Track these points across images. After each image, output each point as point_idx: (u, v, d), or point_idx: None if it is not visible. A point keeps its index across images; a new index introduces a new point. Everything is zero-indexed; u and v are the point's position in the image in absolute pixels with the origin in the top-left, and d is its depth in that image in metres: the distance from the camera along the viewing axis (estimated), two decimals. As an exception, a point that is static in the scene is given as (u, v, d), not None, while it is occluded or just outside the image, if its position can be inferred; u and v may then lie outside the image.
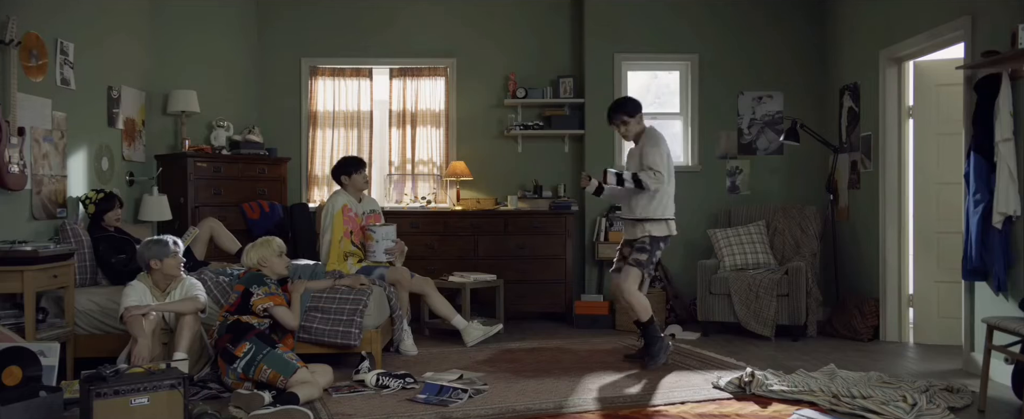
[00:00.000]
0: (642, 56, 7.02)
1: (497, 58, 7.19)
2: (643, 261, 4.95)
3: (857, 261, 6.24)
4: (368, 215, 5.50)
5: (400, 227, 6.66)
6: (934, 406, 3.75)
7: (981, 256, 4.50)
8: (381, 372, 4.28)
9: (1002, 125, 4.35)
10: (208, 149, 6.38)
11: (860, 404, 3.77)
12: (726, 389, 4.20)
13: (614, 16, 6.96)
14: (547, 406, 3.89)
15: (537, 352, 5.35)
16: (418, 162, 7.23)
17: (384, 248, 5.35)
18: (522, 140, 7.18)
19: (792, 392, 4.03)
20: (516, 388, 4.27)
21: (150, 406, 3.26)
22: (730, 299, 5.93)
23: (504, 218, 6.76)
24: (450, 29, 7.19)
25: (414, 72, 7.21)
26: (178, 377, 3.38)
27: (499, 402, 3.95)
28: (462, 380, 4.38)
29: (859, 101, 6.23)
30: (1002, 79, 4.39)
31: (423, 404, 3.92)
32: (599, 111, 6.95)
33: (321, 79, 7.21)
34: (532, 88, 7.05)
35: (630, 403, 3.96)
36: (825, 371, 4.53)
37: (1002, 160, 4.35)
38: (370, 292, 4.70)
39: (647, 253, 4.96)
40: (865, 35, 6.18)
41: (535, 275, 6.70)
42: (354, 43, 7.16)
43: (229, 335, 4.07)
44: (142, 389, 3.26)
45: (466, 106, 7.20)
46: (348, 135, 7.20)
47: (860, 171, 6.19)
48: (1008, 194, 4.32)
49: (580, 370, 4.73)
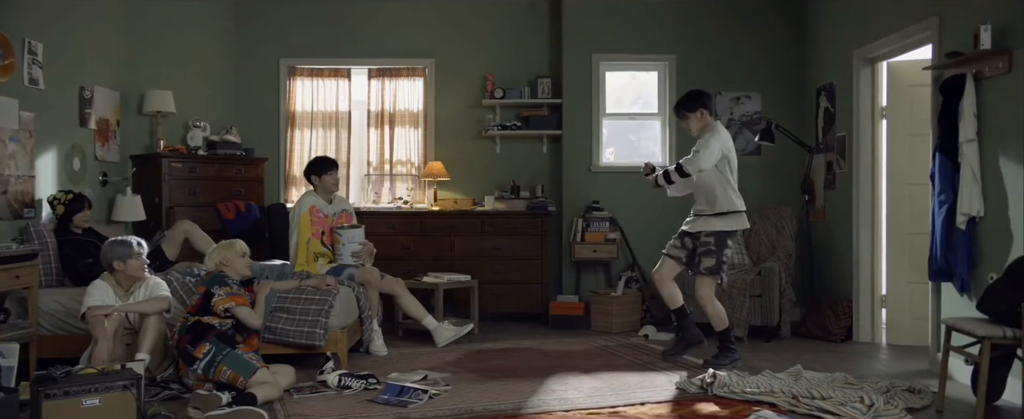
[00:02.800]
0: (620, 57, 7.02)
1: (475, 58, 7.18)
2: (713, 268, 4.81)
3: (832, 262, 6.24)
4: (339, 215, 5.50)
5: (377, 227, 6.69)
6: (892, 407, 3.75)
7: (946, 257, 4.50)
8: (344, 373, 4.28)
9: (966, 126, 4.35)
10: (184, 149, 6.37)
11: (818, 405, 3.77)
12: (688, 390, 4.19)
13: (591, 17, 6.96)
14: (506, 407, 3.89)
15: (507, 353, 5.35)
16: (396, 162, 7.22)
17: (351, 251, 5.35)
18: (500, 140, 7.18)
19: (753, 393, 4.03)
20: (479, 389, 4.27)
21: (102, 407, 3.26)
22: (703, 300, 5.91)
23: (481, 218, 6.76)
24: (428, 29, 7.19)
25: (392, 72, 7.21)
26: (132, 378, 3.38)
27: (458, 403, 3.95)
28: (426, 381, 4.38)
29: (835, 101, 6.23)
30: (966, 80, 4.39)
31: (382, 405, 3.92)
32: (577, 111, 6.98)
33: (299, 79, 7.21)
34: (510, 88, 7.05)
35: (589, 403, 3.96)
36: (791, 372, 4.52)
37: (966, 161, 4.35)
38: (336, 293, 4.70)
39: (714, 255, 4.81)
40: (840, 35, 6.18)
41: (511, 275, 6.70)
42: (333, 43, 7.16)
43: (189, 336, 4.07)
44: (93, 390, 3.26)
45: (444, 106, 7.20)
46: (326, 135, 7.20)
47: (835, 172, 6.19)
48: (971, 195, 4.32)
49: (547, 371, 4.72)
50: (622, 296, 6.32)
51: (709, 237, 4.84)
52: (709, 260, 4.83)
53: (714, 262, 4.83)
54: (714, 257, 4.83)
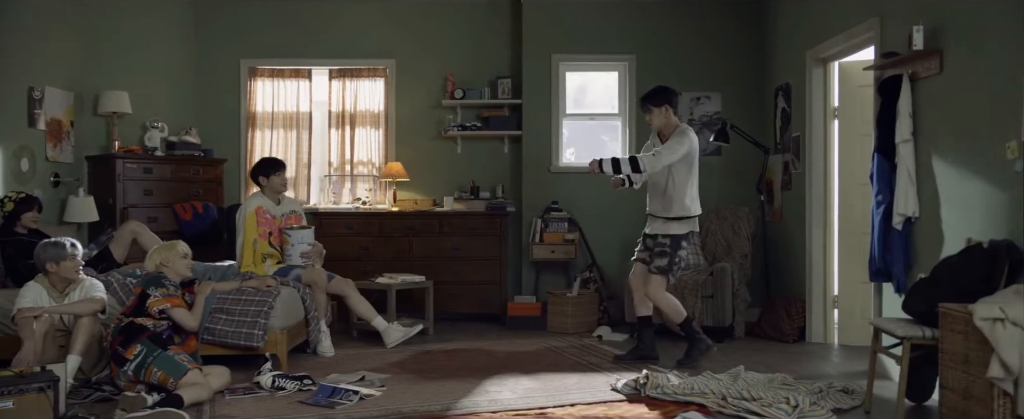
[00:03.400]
0: (579, 57, 7.02)
1: (436, 59, 7.18)
2: (664, 267, 4.90)
3: (787, 262, 6.24)
4: (288, 216, 5.49)
5: (335, 228, 6.70)
6: (819, 407, 3.75)
7: (884, 257, 4.51)
8: (278, 374, 4.28)
9: (901, 126, 4.36)
10: (139, 150, 6.37)
11: (745, 406, 3.77)
12: (622, 391, 4.19)
13: (551, 18, 6.95)
14: (434, 408, 3.88)
15: (455, 354, 5.35)
16: (357, 163, 7.22)
17: (300, 251, 5.34)
18: (462, 141, 7.18)
19: (684, 394, 4.02)
20: (415, 390, 4.26)
21: (15, 410, 3.25)
22: (656, 300, 5.91)
23: (439, 219, 6.76)
24: (389, 30, 7.19)
25: (353, 73, 7.20)
26: (49, 380, 3.37)
27: (388, 404, 3.95)
28: (363, 382, 4.38)
29: (791, 102, 6.23)
30: (903, 80, 4.39)
31: (312, 406, 3.91)
32: (536, 112, 6.98)
33: (260, 80, 7.21)
34: (470, 89, 7.05)
35: (520, 405, 3.95)
36: (731, 373, 4.51)
37: (902, 161, 4.36)
38: (276, 294, 4.70)
39: (667, 257, 4.89)
40: (794, 36, 6.18)
41: (470, 276, 6.70)
42: (293, 44, 7.16)
43: (121, 337, 4.06)
44: (7, 392, 3.24)
45: (405, 107, 7.20)
46: (287, 136, 7.20)
47: (791, 172, 6.19)
48: (907, 195, 4.33)
49: (489, 372, 4.72)
50: (578, 297, 6.32)
51: (665, 239, 4.93)
52: (661, 260, 4.93)
53: (666, 262, 4.92)
54: (667, 257, 4.92)
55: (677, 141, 4.81)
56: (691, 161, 4.89)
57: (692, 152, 4.86)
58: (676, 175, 4.87)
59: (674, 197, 4.88)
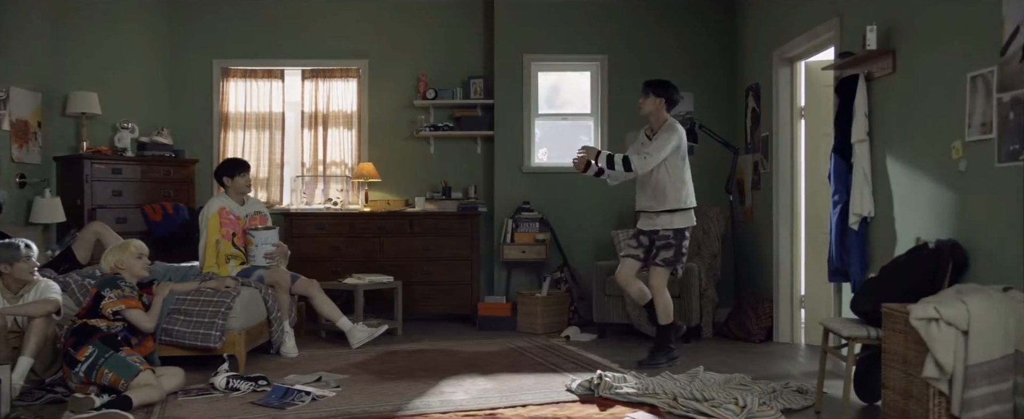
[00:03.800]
0: (551, 57, 7.02)
1: (409, 59, 7.18)
2: (671, 259, 4.93)
3: (756, 262, 6.24)
4: (252, 217, 5.49)
5: (306, 229, 6.70)
6: (767, 408, 3.74)
7: (841, 257, 4.50)
8: (232, 375, 4.27)
9: (857, 126, 4.36)
10: (109, 151, 6.36)
11: (694, 406, 3.77)
12: (576, 392, 4.18)
13: (523, 18, 6.95)
14: (385, 408, 3.88)
15: (419, 354, 5.34)
16: (330, 163, 7.22)
17: (263, 252, 5.33)
18: (435, 141, 7.17)
19: (636, 394, 4.02)
20: (370, 390, 4.26)
21: (-44, 410, 3.24)
22: (624, 300, 5.91)
23: (410, 219, 6.76)
24: (362, 30, 7.18)
25: (326, 73, 7.20)
26: (-8, 381, 3.37)
27: (339, 405, 3.94)
28: (319, 382, 4.38)
29: (760, 102, 6.23)
30: (858, 80, 4.39)
31: (263, 407, 3.91)
32: (508, 112, 6.98)
33: (233, 80, 7.20)
34: (443, 89, 7.05)
35: (471, 405, 3.95)
36: (690, 373, 4.51)
37: (858, 161, 4.36)
38: (235, 294, 4.69)
39: (673, 249, 4.93)
40: (762, 35, 6.18)
41: (441, 277, 6.70)
42: (266, 44, 7.15)
43: (73, 339, 4.05)
44: (-53, 393, 3.24)
45: (378, 107, 7.20)
46: (260, 136, 7.20)
47: (761, 172, 6.19)
48: (863, 195, 4.32)
49: (448, 372, 4.71)
50: (547, 297, 6.31)
51: (668, 232, 4.95)
52: (667, 252, 4.95)
53: (672, 254, 4.95)
54: (673, 249, 4.95)
55: (665, 136, 4.90)
56: (683, 154, 4.97)
57: (682, 145, 4.94)
58: (669, 168, 4.92)
59: (668, 189, 4.92)
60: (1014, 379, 2.93)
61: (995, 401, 2.91)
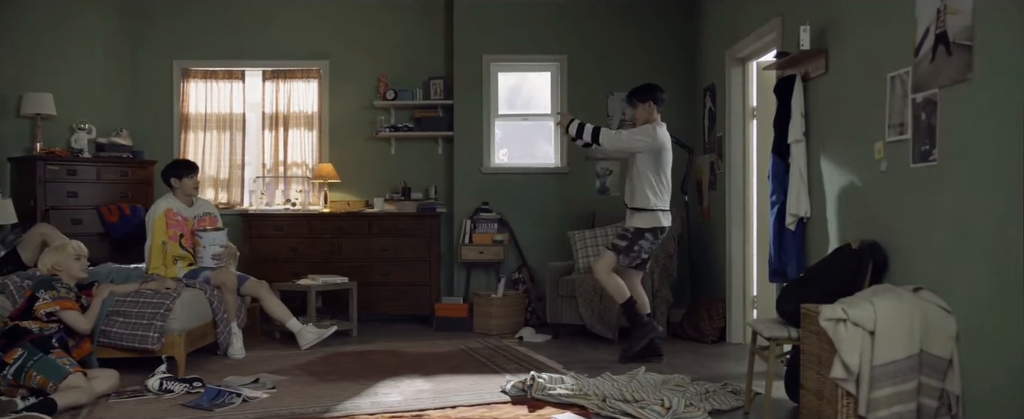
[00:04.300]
0: (511, 57, 7.01)
1: (370, 60, 7.18)
2: (620, 246, 5.07)
3: (711, 262, 6.24)
4: (201, 218, 5.48)
5: (265, 229, 6.69)
6: (694, 409, 3.73)
7: (779, 257, 4.49)
8: (167, 376, 4.26)
9: (794, 126, 4.35)
10: (64, 152, 6.35)
11: (621, 407, 3.76)
12: (509, 392, 4.18)
13: (483, 18, 6.95)
14: (313, 410, 3.87)
15: (367, 355, 5.34)
16: (291, 164, 7.21)
17: (211, 253, 5.33)
18: (396, 142, 7.17)
19: (568, 396, 4.02)
20: (305, 391, 4.25)
21: None
22: (576, 301, 5.91)
23: (368, 220, 6.75)
24: (322, 31, 7.18)
25: (287, 74, 7.20)
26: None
27: (269, 406, 3.93)
28: (256, 383, 4.37)
29: (716, 102, 6.22)
30: (795, 81, 4.38)
31: (192, 409, 3.90)
32: (468, 112, 6.97)
33: (193, 81, 7.19)
34: (403, 89, 7.05)
35: (401, 407, 3.94)
36: (630, 374, 4.50)
37: (794, 161, 4.35)
38: (175, 296, 4.68)
39: (627, 241, 5.05)
40: (715, 36, 6.18)
41: (399, 277, 6.70)
42: (226, 45, 7.15)
43: (2, 341, 4.03)
44: None
45: (339, 108, 7.19)
46: (221, 137, 7.19)
47: (716, 172, 6.18)
48: (799, 195, 4.32)
49: (390, 373, 4.70)
50: (503, 298, 6.31)
51: (629, 227, 5.14)
52: (620, 241, 5.12)
53: (624, 244, 5.10)
54: (626, 242, 5.10)
55: (642, 132, 5.02)
56: (655, 155, 5.03)
57: (655, 147, 5.02)
58: (637, 165, 5.07)
59: (636, 187, 5.09)
60: (918, 379, 2.93)
61: (899, 401, 2.90)
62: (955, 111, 3.00)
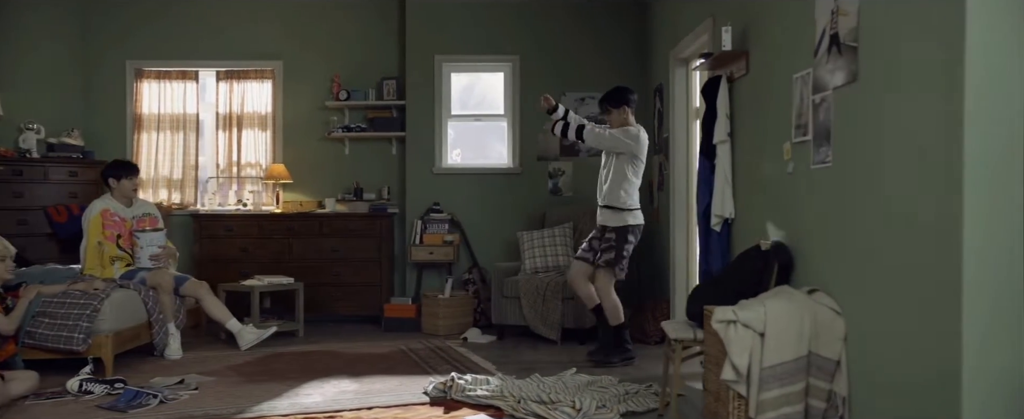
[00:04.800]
0: (463, 58, 7.00)
1: (323, 60, 7.17)
2: (612, 260, 4.99)
3: (658, 263, 6.23)
4: (141, 219, 5.46)
5: (215, 230, 6.68)
6: (607, 410, 3.73)
7: (707, 258, 4.49)
8: (87, 378, 4.25)
9: (719, 127, 4.35)
10: (10, 152, 6.33)
11: (533, 409, 3.76)
12: (430, 394, 4.17)
13: (435, 18, 6.93)
14: (227, 411, 3.86)
15: (304, 356, 5.32)
16: (245, 165, 7.20)
17: (148, 254, 5.32)
18: (350, 142, 7.15)
19: (486, 397, 4.01)
20: (227, 392, 4.24)
21: None
22: (520, 302, 5.90)
23: (319, 221, 6.74)
24: (276, 32, 7.17)
25: (241, 75, 7.18)
26: None
27: (184, 408, 3.92)
28: (180, 385, 4.36)
29: (664, 102, 6.22)
30: (721, 81, 4.37)
31: (107, 410, 3.89)
32: (420, 113, 6.96)
33: (147, 81, 7.18)
34: (356, 90, 7.04)
35: (319, 407, 3.93)
36: (559, 375, 4.50)
37: (720, 162, 4.34)
38: (104, 296, 4.67)
39: (614, 250, 4.99)
40: (662, 36, 6.18)
41: (349, 278, 6.69)
42: (180, 46, 7.14)
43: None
44: None
45: (293, 108, 7.18)
46: (174, 138, 7.18)
47: (664, 173, 6.17)
48: (724, 196, 4.31)
49: (322, 374, 4.69)
50: (450, 298, 6.30)
51: (611, 233, 5.03)
52: (608, 254, 5.02)
53: (613, 256, 5.00)
54: (614, 251, 5.01)
55: (623, 134, 4.97)
56: (635, 157, 4.99)
57: (635, 150, 4.97)
58: (616, 164, 5.02)
59: (611, 187, 5.03)
60: (806, 381, 2.92)
61: (786, 403, 2.89)
62: (846, 113, 2.99)
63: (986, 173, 2.25)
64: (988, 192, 2.25)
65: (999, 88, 2.26)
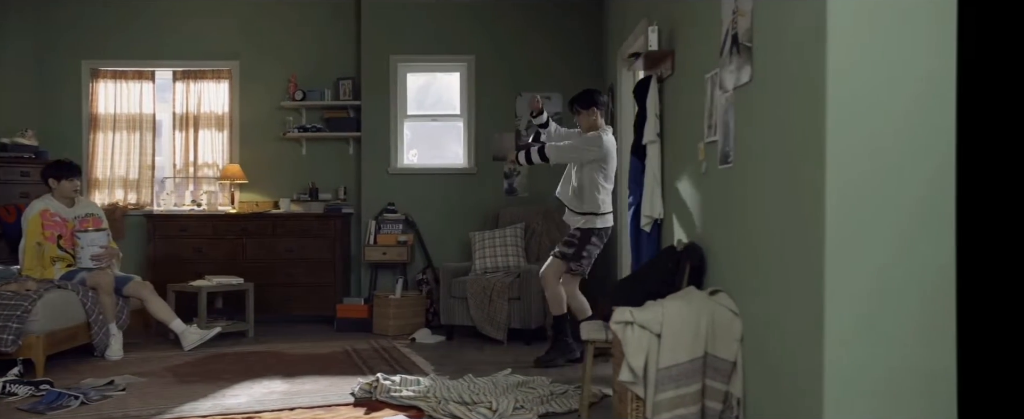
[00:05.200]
0: (419, 58, 6.99)
1: (280, 61, 7.15)
2: (569, 255, 4.89)
3: (607, 264, 6.21)
4: (83, 219, 5.45)
5: (169, 230, 6.67)
6: (525, 411, 3.72)
7: (637, 259, 4.48)
8: (12, 379, 4.23)
9: (649, 127, 4.34)
10: (-40, 153, 6.33)
11: (450, 410, 3.75)
12: (356, 394, 4.16)
13: (390, 18, 6.92)
14: (147, 413, 3.84)
15: (246, 356, 5.31)
16: (201, 165, 7.18)
17: (90, 254, 5.30)
18: (307, 143, 7.14)
19: (409, 397, 3.99)
20: (153, 393, 4.23)
21: None
22: (468, 303, 5.88)
23: (273, 221, 6.72)
24: (233, 31, 7.15)
25: (197, 75, 7.17)
26: None
27: (104, 409, 3.90)
28: (109, 386, 4.34)
29: (615, 102, 6.21)
30: (651, 81, 4.36)
31: (27, 412, 3.88)
32: (376, 113, 6.95)
33: (103, 81, 7.16)
34: (312, 90, 7.02)
35: (240, 408, 3.92)
36: (492, 376, 4.49)
37: (649, 162, 4.33)
38: (36, 297, 4.65)
39: (574, 247, 4.88)
40: (611, 36, 6.17)
41: (303, 278, 6.67)
42: (137, 45, 7.12)
43: None
44: None
45: (249, 109, 7.16)
46: (130, 138, 7.16)
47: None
48: (653, 196, 4.30)
49: (255, 375, 4.68)
50: (401, 299, 6.28)
51: (576, 232, 4.93)
52: (567, 249, 4.92)
53: (572, 251, 4.90)
54: (574, 248, 4.90)
55: (588, 141, 4.78)
56: (603, 164, 4.81)
57: (602, 157, 4.78)
58: (584, 173, 4.84)
59: (584, 193, 4.85)
60: (702, 382, 2.91)
61: (681, 404, 2.88)
62: (744, 113, 2.98)
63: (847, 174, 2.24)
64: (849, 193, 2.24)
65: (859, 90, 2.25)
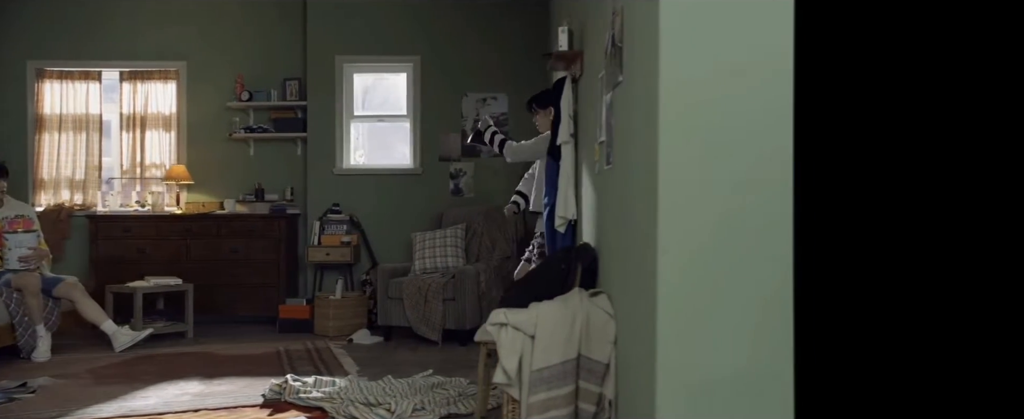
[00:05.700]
0: (364, 58, 6.98)
1: (227, 61, 7.14)
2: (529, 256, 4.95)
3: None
4: (13, 220, 5.44)
5: (112, 231, 6.65)
6: (426, 412, 3.71)
7: (554, 260, 4.46)
8: (-77, 381, 4.23)
9: (563, 127, 4.32)
10: (-101, 154, 6.31)
11: (350, 412, 3.74)
12: (267, 395, 4.15)
13: (335, 19, 6.91)
14: (50, 415, 3.83)
15: (175, 357, 5.30)
16: (149, 166, 7.17)
17: (17, 255, 5.30)
18: (255, 143, 7.13)
19: (317, 399, 3.99)
20: (66, 395, 4.21)
21: None
22: (403, 304, 5.88)
23: (217, 222, 6.71)
24: (180, 32, 7.14)
25: (144, 75, 7.15)
26: None
27: (9, 413, 3.89)
28: (23, 388, 4.33)
29: (556, 103, 6.19)
30: (566, 81, 4.36)
31: (-70, 414, 3.87)
32: (321, 114, 6.94)
33: (48, 82, 7.15)
34: (259, 91, 7.01)
35: (148, 410, 3.90)
36: (412, 378, 4.48)
37: (563, 163, 4.32)
38: (-45, 299, 4.65)
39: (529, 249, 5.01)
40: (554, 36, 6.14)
41: (247, 279, 6.66)
42: (83, 46, 7.11)
43: None
44: None
45: (197, 109, 7.15)
46: (77, 139, 7.15)
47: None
48: (567, 197, 4.28)
49: (174, 376, 4.66)
50: (342, 299, 6.27)
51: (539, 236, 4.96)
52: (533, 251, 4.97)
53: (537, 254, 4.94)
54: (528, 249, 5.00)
55: (544, 140, 4.79)
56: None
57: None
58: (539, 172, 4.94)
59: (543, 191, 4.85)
60: (575, 384, 2.90)
61: (553, 406, 2.88)
62: (619, 112, 2.98)
63: (679, 176, 2.23)
64: (678, 196, 2.23)
65: (691, 88, 2.24)
